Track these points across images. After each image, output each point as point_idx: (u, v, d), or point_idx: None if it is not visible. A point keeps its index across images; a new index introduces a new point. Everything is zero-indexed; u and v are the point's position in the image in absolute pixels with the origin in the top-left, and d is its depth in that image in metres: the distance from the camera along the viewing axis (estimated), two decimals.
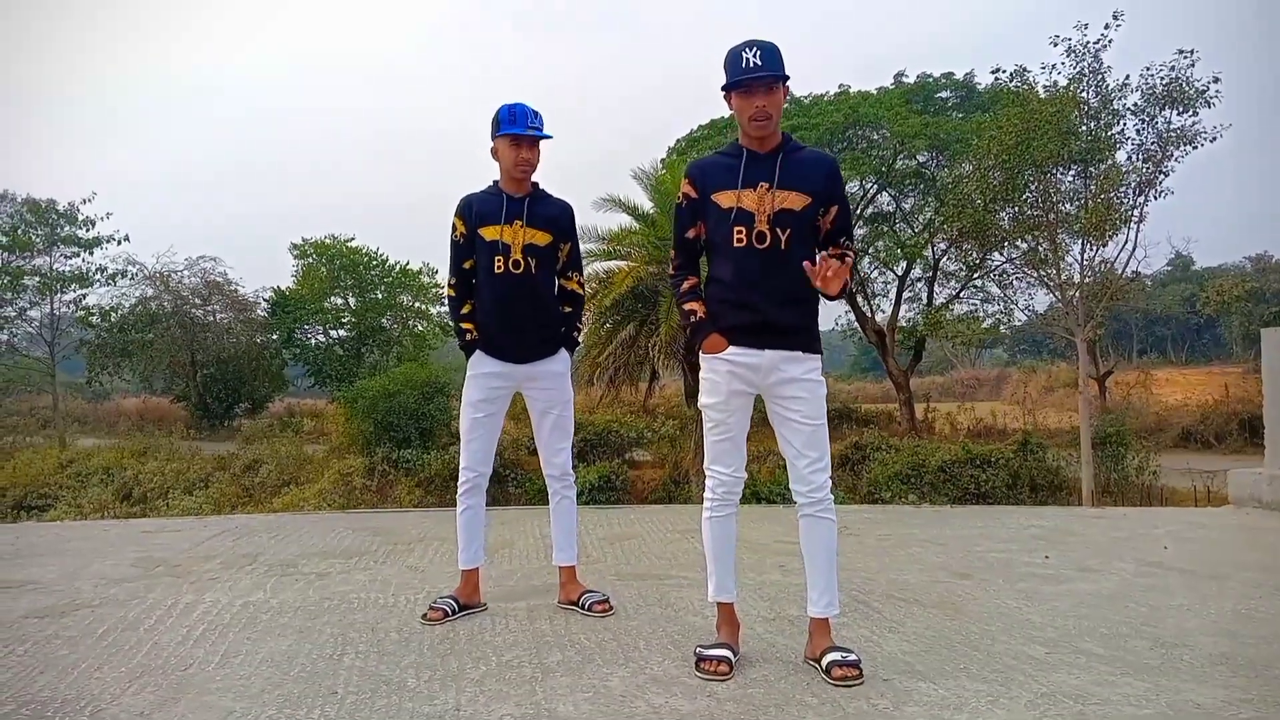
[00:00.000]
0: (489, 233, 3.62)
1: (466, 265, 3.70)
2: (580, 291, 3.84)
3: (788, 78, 2.96)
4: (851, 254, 3.05)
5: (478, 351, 3.68)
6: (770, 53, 2.92)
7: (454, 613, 3.60)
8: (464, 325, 3.71)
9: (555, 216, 3.70)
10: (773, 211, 2.94)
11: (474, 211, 3.66)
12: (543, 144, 3.65)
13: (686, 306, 3.11)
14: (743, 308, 2.98)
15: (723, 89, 3.01)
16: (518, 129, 3.56)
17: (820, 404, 2.97)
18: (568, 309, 3.81)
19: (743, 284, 2.97)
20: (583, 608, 3.67)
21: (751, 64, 2.90)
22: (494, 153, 3.67)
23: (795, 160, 2.99)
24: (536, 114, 3.62)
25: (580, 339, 3.84)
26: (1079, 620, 3.58)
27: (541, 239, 3.64)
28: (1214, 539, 5.66)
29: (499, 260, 3.60)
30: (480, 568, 3.78)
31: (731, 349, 2.99)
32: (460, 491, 3.74)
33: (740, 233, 2.96)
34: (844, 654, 2.86)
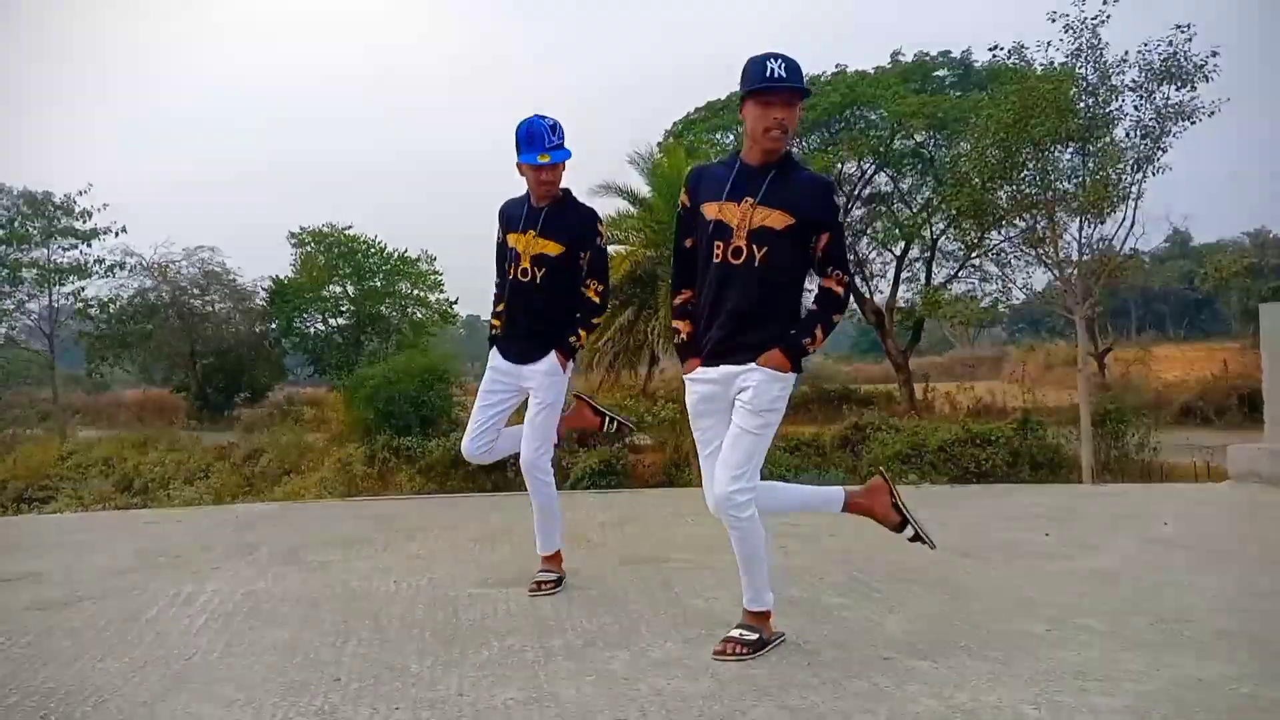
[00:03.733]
0: (510, 239, 3.75)
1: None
2: (595, 300, 3.78)
3: (809, 93, 2.94)
4: (841, 286, 2.97)
5: (494, 346, 3.83)
6: (794, 67, 2.86)
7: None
8: (492, 321, 3.86)
9: (571, 226, 3.69)
10: (751, 227, 2.88)
11: (504, 217, 3.79)
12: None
13: (674, 324, 3.10)
14: (712, 325, 2.96)
15: (741, 95, 2.92)
16: (532, 158, 3.57)
17: (761, 418, 2.90)
18: (578, 314, 3.77)
19: (714, 299, 2.94)
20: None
21: (776, 74, 2.83)
22: (519, 168, 3.68)
23: (787, 179, 2.92)
24: (554, 127, 3.59)
25: (580, 344, 3.77)
26: (1080, 597, 3.59)
27: (553, 249, 3.66)
28: (1214, 515, 5.67)
29: (511, 266, 3.73)
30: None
31: (699, 370, 2.99)
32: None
33: (719, 247, 2.92)
34: (741, 631, 2.95)
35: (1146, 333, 41.86)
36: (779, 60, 2.84)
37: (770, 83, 2.82)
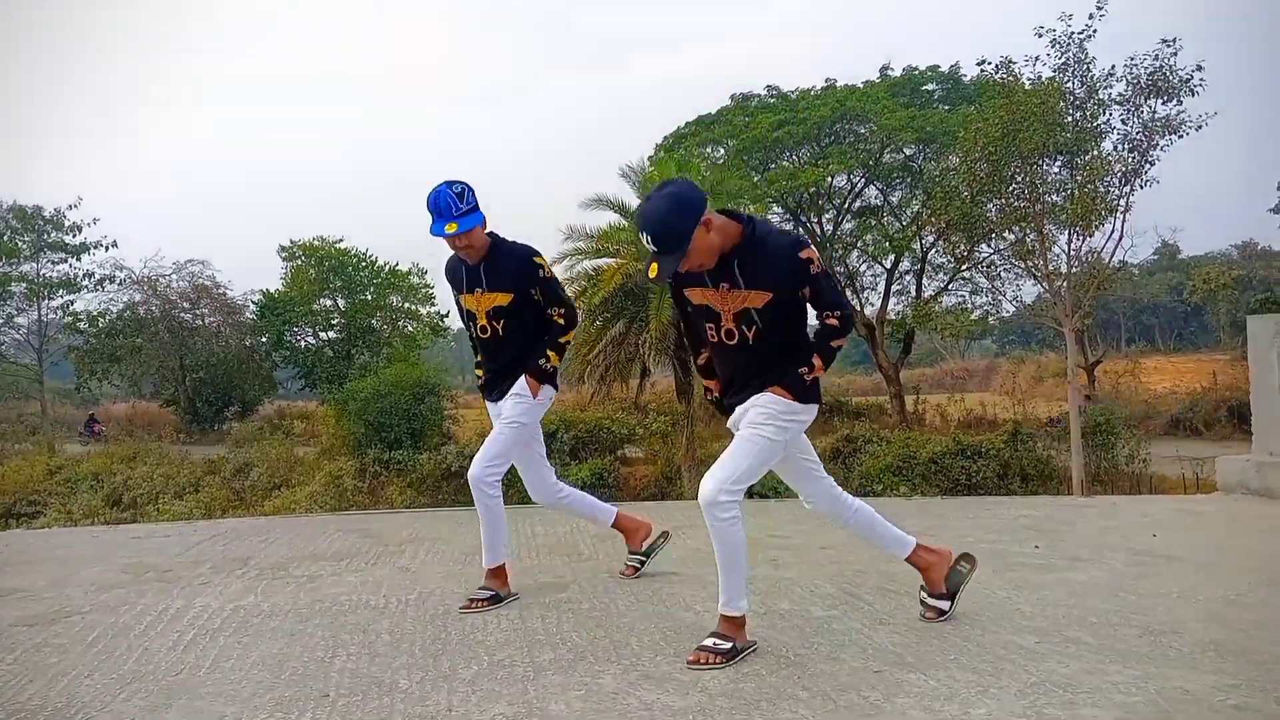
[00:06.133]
0: (463, 300, 3.84)
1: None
2: (561, 322, 3.83)
3: (677, 242, 2.88)
4: (838, 320, 3.04)
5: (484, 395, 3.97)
6: (656, 233, 2.86)
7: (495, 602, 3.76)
8: (477, 372, 4.00)
9: (512, 272, 3.73)
10: (735, 310, 3.01)
11: (451, 280, 3.87)
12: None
13: (705, 384, 3.37)
14: (728, 390, 3.20)
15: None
16: (440, 230, 3.59)
17: (758, 430, 3.04)
18: (546, 337, 3.83)
19: (721, 369, 3.19)
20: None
21: (648, 246, 2.94)
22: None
23: (756, 255, 2.96)
24: (462, 194, 3.58)
25: (547, 364, 3.78)
26: (1069, 609, 3.59)
27: (503, 299, 3.74)
28: (1203, 526, 5.69)
29: (472, 326, 3.83)
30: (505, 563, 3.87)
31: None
32: None
33: (711, 329, 3.11)
34: (715, 640, 3.00)
35: (1136, 345, 42.06)
36: (645, 236, 2.90)
37: (651, 260, 2.93)
